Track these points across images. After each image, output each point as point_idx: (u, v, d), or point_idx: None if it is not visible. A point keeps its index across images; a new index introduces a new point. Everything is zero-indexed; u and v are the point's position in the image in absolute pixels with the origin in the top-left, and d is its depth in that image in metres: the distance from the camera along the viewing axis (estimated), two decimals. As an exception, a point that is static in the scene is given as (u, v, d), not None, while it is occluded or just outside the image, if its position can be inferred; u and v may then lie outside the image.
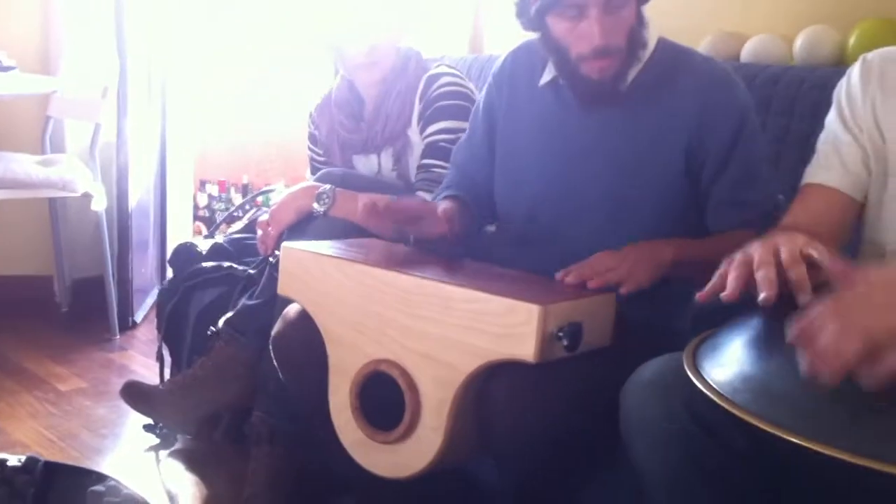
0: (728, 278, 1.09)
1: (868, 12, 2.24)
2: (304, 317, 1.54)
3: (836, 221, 1.36)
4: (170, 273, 2.46)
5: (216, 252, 2.35)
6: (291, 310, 1.60)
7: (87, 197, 3.08)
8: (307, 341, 1.52)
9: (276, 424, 1.86)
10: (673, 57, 1.59)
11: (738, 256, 1.12)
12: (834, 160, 1.38)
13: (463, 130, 1.87)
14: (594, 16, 1.45)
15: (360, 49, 2.04)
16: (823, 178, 1.38)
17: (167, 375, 2.33)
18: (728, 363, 0.99)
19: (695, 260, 1.45)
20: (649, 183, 1.55)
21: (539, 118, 1.66)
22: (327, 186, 1.93)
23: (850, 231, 1.38)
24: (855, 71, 1.40)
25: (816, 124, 1.55)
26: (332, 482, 1.82)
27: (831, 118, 1.43)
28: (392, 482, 1.43)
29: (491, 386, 1.33)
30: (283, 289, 1.57)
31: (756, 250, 1.11)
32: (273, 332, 1.62)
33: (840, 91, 1.42)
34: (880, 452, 0.76)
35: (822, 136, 1.43)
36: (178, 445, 2.32)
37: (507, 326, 1.27)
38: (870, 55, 1.41)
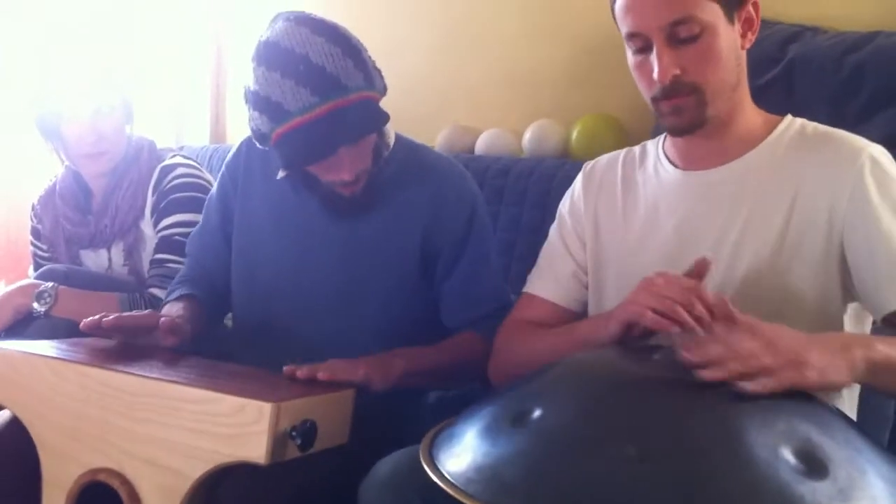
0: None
1: (588, 109, 2.41)
2: (16, 425, 1.39)
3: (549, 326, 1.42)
4: None
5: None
6: (0, 417, 1.46)
7: None
8: (19, 453, 1.38)
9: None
10: (407, 153, 1.60)
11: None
12: (549, 273, 1.46)
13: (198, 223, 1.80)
14: (345, 161, 1.43)
15: (83, 133, 1.94)
16: (538, 289, 1.46)
17: None
18: (462, 453, 0.98)
19: (425, 370, 1.47)
20: (380, 279, 1.55)
21: (275, 210, 1.62)
22: (49, 284, 1.82)
23: None
24: (578, 183, 1.48)
25: (546, 212, 1.62)
26: None
27: (552, 230, 1.50)
28: None
29: (220, 491, 1.25)
30: (-11, 394, 1.42)
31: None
32: (-23, 445, 1.46)
33: (564, 203, 1.49)
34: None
35: (544, 247, 1.50)
36: None
37: (236, 427, 1.19)
38: (590, 165, 1.49)
